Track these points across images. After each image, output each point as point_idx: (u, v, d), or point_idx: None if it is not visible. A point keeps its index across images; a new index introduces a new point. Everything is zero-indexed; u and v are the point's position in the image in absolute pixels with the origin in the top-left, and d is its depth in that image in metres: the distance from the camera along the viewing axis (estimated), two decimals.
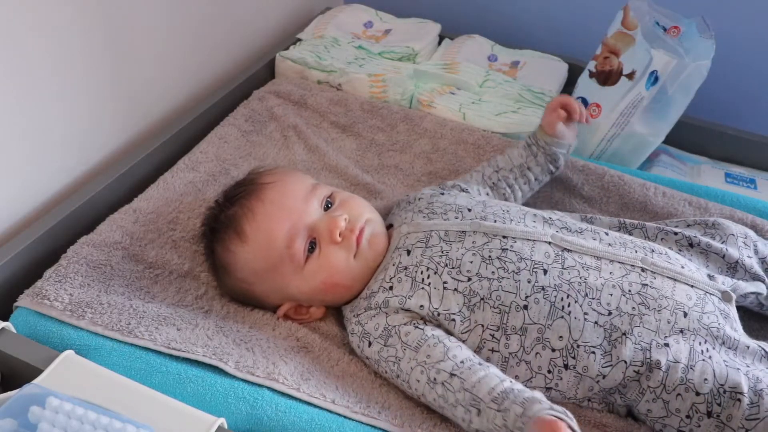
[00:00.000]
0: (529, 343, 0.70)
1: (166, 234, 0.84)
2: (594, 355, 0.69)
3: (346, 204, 0.79)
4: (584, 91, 1.14)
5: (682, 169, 1.15)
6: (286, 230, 0.74)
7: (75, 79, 0.86)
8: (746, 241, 0.83)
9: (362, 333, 0.73)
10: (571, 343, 0.69)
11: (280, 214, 0.75)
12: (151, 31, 0.96)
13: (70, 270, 0.75)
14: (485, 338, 0.71)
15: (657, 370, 0.67)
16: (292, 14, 1.34)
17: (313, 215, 0.76)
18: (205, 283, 0.80)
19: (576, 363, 0.69)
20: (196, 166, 0.94)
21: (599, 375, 0.69)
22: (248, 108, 1.08)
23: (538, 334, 0.70)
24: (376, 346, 0.72)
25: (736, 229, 0.84)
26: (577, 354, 0.69)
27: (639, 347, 0.68)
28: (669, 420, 0.67)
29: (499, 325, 0.71)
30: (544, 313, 0.70)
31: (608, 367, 0.69)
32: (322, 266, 0.75)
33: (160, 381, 0.67)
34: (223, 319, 0.75)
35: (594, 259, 0.74)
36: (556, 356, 0.70)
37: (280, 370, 0.69)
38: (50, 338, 0.70)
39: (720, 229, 0.83)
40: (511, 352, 0.70)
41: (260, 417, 0.65)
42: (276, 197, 0.77)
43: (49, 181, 0.86)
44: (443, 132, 1.06)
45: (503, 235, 0.75)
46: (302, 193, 0.78)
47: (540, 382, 0.70)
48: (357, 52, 1.22)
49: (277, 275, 0.76)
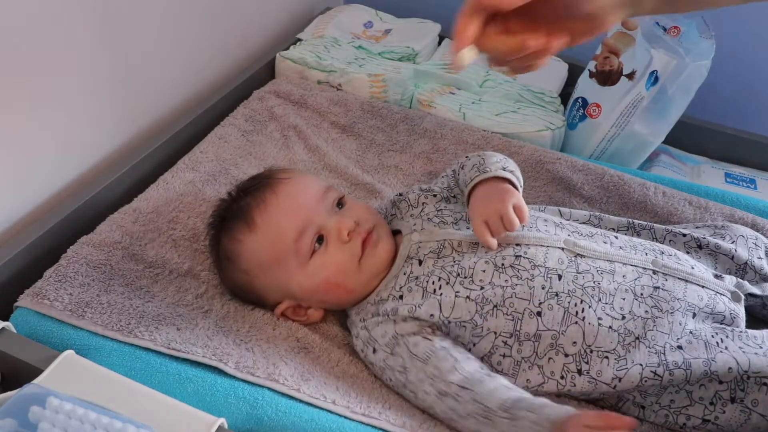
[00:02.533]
0: (542, 349, 0.70)
1: (166, 233, 0.84)
2: (608, 360, 0.69)
3: (357, 208, 0.80)
4: (584, 91, 1.14)
5: (682, 169, 1.15)
6: (296, 224, 0.75)
7: (74, 78, 0.86)
8: (757, 242, 0.83)
9: (368, 338, 0.73)
10: (585, 349, 0.69)
11: (293, 208, 0.76)
12: (151, 31, 0.96)
13: (70, 270, 0.75)
14: (497, 345, 0.70)
15: (677, 369, 0.67)
16: (292, 14, 1.34)
17: (325, 213, 0.77)
18: (206, 281, 0.80)
19: (590, 368, 0.69)
20: (196, 166, 0.94)
21: (615, 379, 0.68)
22: (248, 108, 1.08)
23: (551, 340, 0.69)
24: (382, 353, 0.71)
25: (745, 231, 0.84)
26: (590, 359, 0.69)
27: (653, 351, 0.68)
28: (693, 409, 0.68)
29: (512, 332, 0.70)
30: (558, 319, 0.70)
31: (623, 370, 0.68)
32: (326, 263, 0.75)
33: (160, 381, 0.67)
34: (223, 318, 0.75)
35: (607, 263, 0.73)
36: (569, 361, 0.69)
37: (281, 370, 0.69)
38: (50, 338, 0.70)
39: (729, 230, 0.83)
40: (524, 357, 0.70)
41: (260, 417, 0.65)
42: (291, 192, 0.77)
43: (49, 181, 0.86)
44: (443, 132, 1.06)
45: (516, 243, 0.74)
46: (316, 191, 0.78)
47: (552, 387, 0.70)
48: (357, 52, 1.22)
49: (281, 269, 0.76)
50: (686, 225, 0.88)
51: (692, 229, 0.86)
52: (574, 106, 1.15)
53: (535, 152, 1.02)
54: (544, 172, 1.00)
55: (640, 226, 0.85)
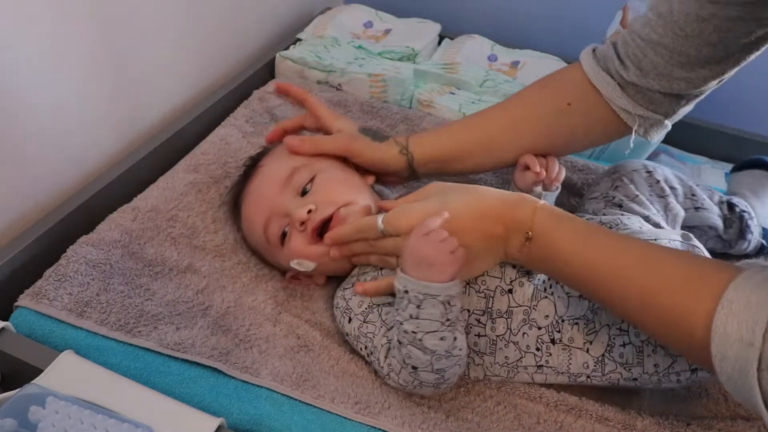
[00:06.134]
0: (515, 325, 0.71)
1: (165, 231, 0.84)
2: (578, 325, 0.70)
3: (322, 189, 0.78)
4: None
5: (682, 169, 1.15)
6: (261, 217, 0.79)
7: (74, 78, 0.86)
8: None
9: (345, 308, 0.75)
10: (557, 320, 0.71)
11: (258, 201, 0.80)
12: (150, 31, 0.96)
13: (70, 269, 0.75)
14: (471, 323, 0.72)
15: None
16: (292, 14, 1.34)
17: (289, 201, 0.77)
18: (206, 276, 0.80)
19: (562, 336, 0.70)
20: (196, 167, 0.94)
21: (586, 342, 0.70)
22: (248, 108, 1.08)
23: (524, 315, 0.71)
24: (356, 322, 0.73)
25: (635, 164, 0.88)
26: (562, 327, 0.71)
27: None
28: (678, 365, 0.68)
29: (484, 309, 0.72)
30: (528, 295, 0.71)
31: (592, 333, 0.70)
32: (291, 249, 0.77)
33: (160, 381, 0.67)
34: (223, 316, 0.75)
35: None
36: (542, 333, 0.71)
37: (280, 369, 0.69)
38: (50, 338, 0.70)
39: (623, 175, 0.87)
40: (498, 334, 0.72)
41: (260, 417, 0.65)
42: (257, 184, 0.81)
43: (49, 180, 0.86)
44: None
45: None
46: (280, 179, 0.79)
47: (530, 360, 0.72)
48: (357, 52, 1.22)
49: (269, 251, 0.81)
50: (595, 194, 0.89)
51: (602, 194, 0.87)
52: None
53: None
54: None
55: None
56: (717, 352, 0.52)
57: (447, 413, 0.70)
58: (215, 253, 0.83)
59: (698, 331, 0.54)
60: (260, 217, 0.79)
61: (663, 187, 0.86)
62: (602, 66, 0.78)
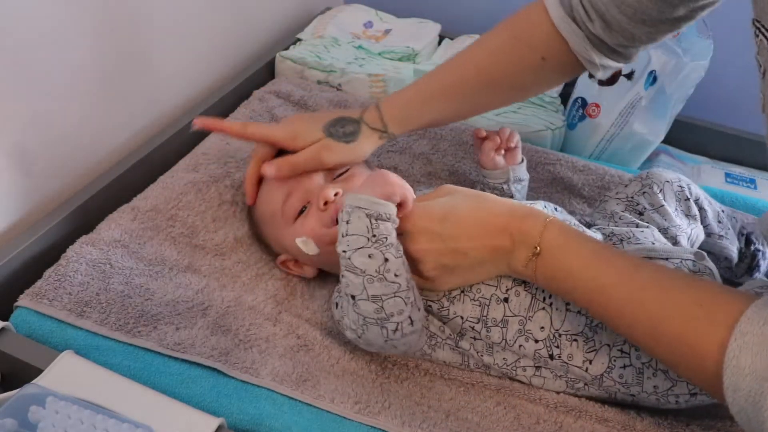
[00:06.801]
0: (511, 335, 0.71)
1: (165, 231, 0.84)
2: (576, 342, 0.70)
3: (353, 180, 0.80)
4: (584, 91, 1.14)
5: (682, 169, 1.16)
6: (286, 188, 0.79)
7: (74, 78, 0.86)
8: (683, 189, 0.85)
9: (336, 297, 0.74)
10: (553, 333, 0.70)
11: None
12: (150, 31, 0.96)
13: (70, 269, 0.75)
14: (465, 328, 0.72)
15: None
16: (292, 14, 1.34)
17: (317, 182, 0.79)
18: (206, 276, 0.80)
19: (561, 352, 0.70)
20: (196, 167, 0.94)
21: (585, 361, 0.69)
22: (249, 108, 1.08)
23: (519, 326, 0.70)
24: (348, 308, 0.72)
25: (669, 176, 0.85)
26: (560, 343, 0.70)
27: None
28: (677, 389, 0.67)
29: (479, 317, 0.71)
30: (525, 305, 0.70)
31: (592, 352, 0.69)
32: (303, 227, 0.77)
33: (160, 381, 0.67)
34: (223, 316, 0.75)
35: None
36: (540, 347, 0.70)
37: (280, 369, 0.69)
38: (50, 338, 0.70)
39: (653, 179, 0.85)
40: (494, 342, 0.71)
41: (260, 417, 0.65)
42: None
43: (49, 181, 0.86)
44: (443, 133, 1.06)
45: None
46: None
47: (528, 362, 0.71)
48: (357, 52, 1.22)
49: (275, 225, 0.81)
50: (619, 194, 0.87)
51: (626, 198, 0.85)
52: (574, 106, 1.15)
53: (535, 152, 1.02)
54: (544, 173, 1.00)
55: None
56: (730, 383, 0.51)
57: (447, 413, 0.70)
58: (215, 253, 0.84)
59: (709, 360, 0.53)
60: (285, 186, 0.79)
61: (691, 206, 0.83)
62: (569, 14, 0.78)
